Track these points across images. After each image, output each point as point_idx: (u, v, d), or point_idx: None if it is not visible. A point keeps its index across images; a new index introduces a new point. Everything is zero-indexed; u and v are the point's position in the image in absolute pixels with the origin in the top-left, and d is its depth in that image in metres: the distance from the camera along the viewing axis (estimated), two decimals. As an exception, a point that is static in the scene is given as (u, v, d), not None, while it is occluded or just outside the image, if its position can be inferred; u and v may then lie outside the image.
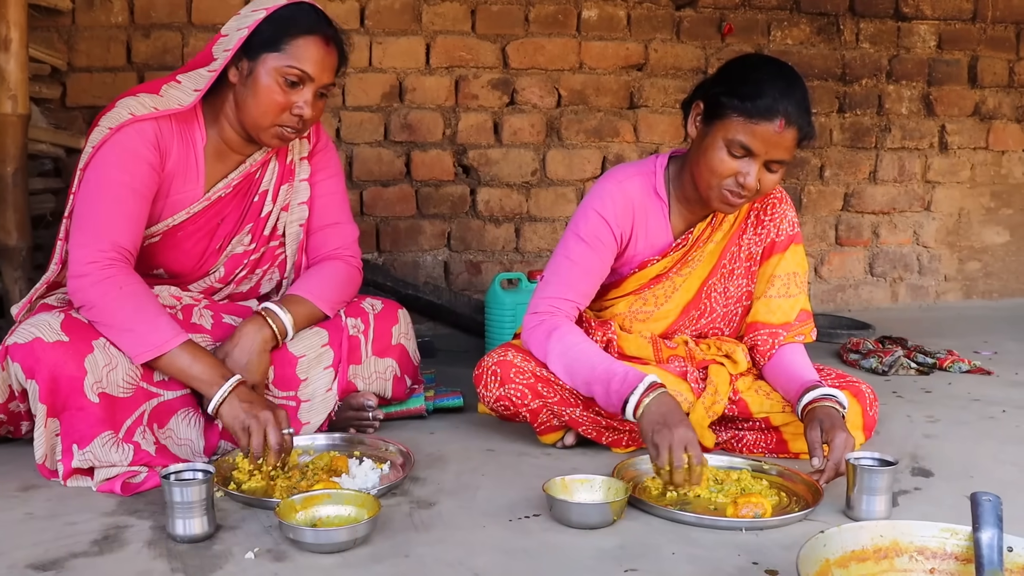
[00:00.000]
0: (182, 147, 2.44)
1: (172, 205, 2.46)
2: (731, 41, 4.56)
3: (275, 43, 2.35)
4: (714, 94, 2.37)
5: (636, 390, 2.24)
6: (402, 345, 2.74)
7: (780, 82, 2.31)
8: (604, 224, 2.50)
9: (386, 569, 1.80)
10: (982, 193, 5.12)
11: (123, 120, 2.33)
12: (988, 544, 1.58)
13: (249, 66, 2.37)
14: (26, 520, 2.01)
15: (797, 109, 2.29)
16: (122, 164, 2.33)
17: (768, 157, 2.32)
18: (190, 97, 2.40)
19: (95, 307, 2.25)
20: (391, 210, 4.22)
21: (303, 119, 2.41)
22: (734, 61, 2.46)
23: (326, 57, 2.40)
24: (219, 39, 2.42)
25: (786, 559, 1.82)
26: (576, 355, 2.40)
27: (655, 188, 2.55)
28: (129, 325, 2.25)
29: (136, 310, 2.26)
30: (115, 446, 2.20)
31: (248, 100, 2.39)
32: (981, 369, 3.59)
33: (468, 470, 2.40)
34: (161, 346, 2.25)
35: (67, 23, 3.80)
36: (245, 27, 2.36)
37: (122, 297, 2.25)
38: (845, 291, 4.98)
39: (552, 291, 2.51)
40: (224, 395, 2.23)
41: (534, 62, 4.31)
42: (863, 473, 2.07)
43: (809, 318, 2.62)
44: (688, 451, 2.12)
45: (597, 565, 1.83)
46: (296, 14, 2.38)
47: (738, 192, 2.35)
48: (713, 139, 2.35)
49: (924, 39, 4.87)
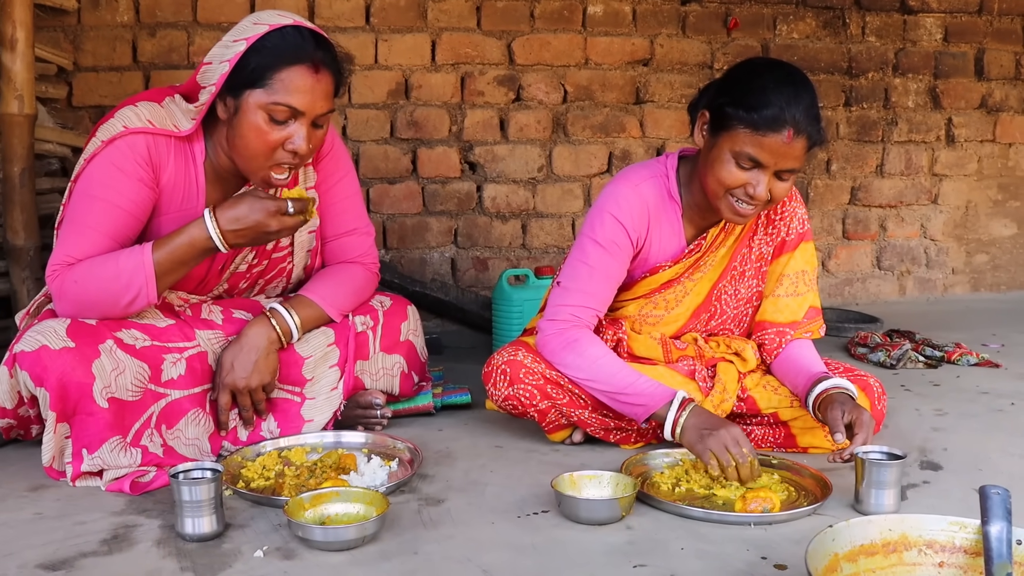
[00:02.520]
0: (179, 162, 2.35)
1: (171, 223, 2.36)
2: (737, 35, 4.55)
3: (259, 79, 2.20)
4: (719, 104, 2.32)
5: (671, 411, 2.26)
6: (410, 342, 2.74)
7: (787, 89, 2.24)
8: (621, 228, 2.46)
9: (395, 566, 1.80)
10: (989, 186, 5.10)
11: (115, 133, 2.26)
12: (997, 537, 1.58)
13: (234, 104, 2.24)
14: (36, 520, 2.02)
15: (806, 117, 2.24)
16: (106, 181, 2.26)
17: (778, 167, 2.27)
18: (187, 124, 2.33)
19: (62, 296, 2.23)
20: (398, 207, 4.22)
21: (298, 154, 2.28)
22: (738, 67, 2.40)
23: (316, 86, 2.24)
24: (203, 68, 2.29)
25: (795, 553, 1.82)
26: (600, 368, 2.40)
27: (669, 191, 2.51)
28: (111, 274, 2.22)
29: (96, 265, 2.22)
30: (123, 451, 2.21)
31: (236, 140, 2.27)
32: (989, 362, 3.58)
33: (476, 467, 2.40)
34: (141, 264, 2.22)
35: (73, 23, 3.80)
36: (227, 60, 2.22)
37: (80, 271, 2.22)
38: (852, 285, 4.97)
39: (572, 299, 2.47)
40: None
41: (540, 58, 4.30)
42: (871, 467, 2.07)
43: (818, 315, 2.61)
44: (742, 446, 2.14)
45: (606, 561, 1.83)
46: (279, 43, 2.22)
47: (748, 203, 2.32)
48: (720, 151, 2.30)
49: (930, 32, 4.86)
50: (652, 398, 2.30)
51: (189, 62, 3.89)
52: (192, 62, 3.89)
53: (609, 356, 2.42)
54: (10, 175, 2.99)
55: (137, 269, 2.22)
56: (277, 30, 2.23)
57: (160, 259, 2.23)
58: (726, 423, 2.20)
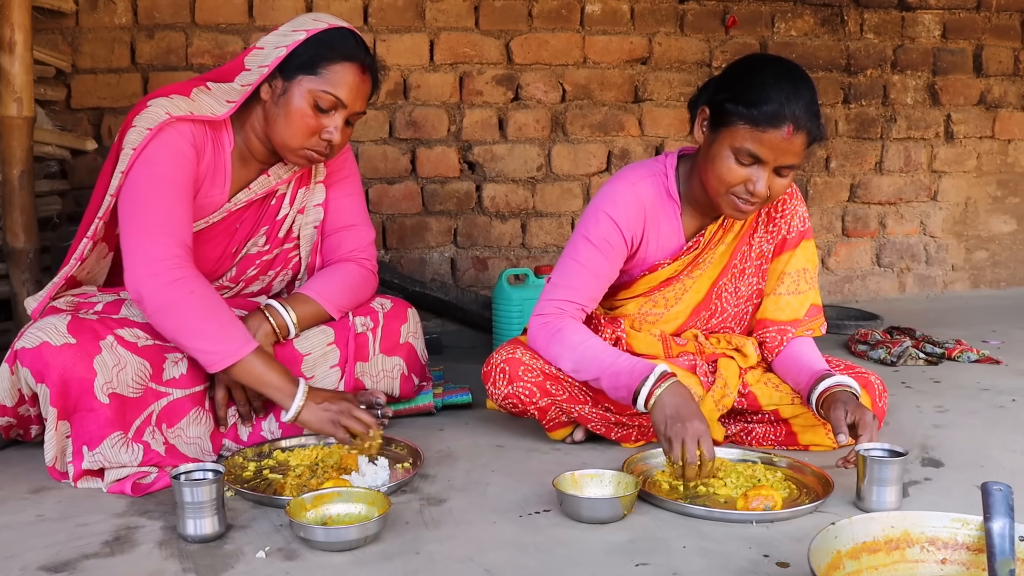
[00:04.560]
0: (214, 150, 2.43)
1: (198, 209, 2.44)
2: (735, 33, 4.55)
3: (312, 66, 2.34)
4: (719, 100, 2.32)
5: (647, 381, 2.24)
6: (410, 344, 2.74)
7: (786, 85, 2.24)
8: (614, 227, 2.46)
9: (397, 566, 1.80)
10: (988, 182, 5.10)
11: (162, 120, 2.31)
12: (1000, 534, 1.58)
13: (283, 86, 2.36)
14: (37, 522, 2.02)
15: (806, 113, 2.24)
16: (173, 162, 2.32)
17: (778, 163, 2.27)
18: (223, 108, 2.39)
19: (165, 311, 2.24)
20: (397, 207, 4.22)
21: (331, 144, 2.41)
22: (738, 63, 2.40)
23: (361, 85, 2.40)
24: (253, 51, 2.41)
25: (797, 551, 1.83)
26: (583, 352, 2.39)
27: (667, 190, 2.51)
28: (203, 331, 2.25)
29: (209, 315, 2.26)
30: (125, 447, 2.21)
31: (279, 120, 2.38)
32: (990, 358, 3.58)
33: (478, 466, 2.40)
34: (235, 353, 2.25)
35: (71, 25, 3.80)
36: (284, 46, 2.35)
37: (194, 301, 2.24)
38: (852, 282, 4.97)
39: (559, 293, 2.49)
40: (301, 404, 2.27)
41: (538, 57, 4.30)
42: (873, 464, 2.07)
43: (819, 313, 2.60)
44: (700, 446, 2.12)
45: (608, 560, 1.83)
46: (336, 39, 2.37)
47: (748, 199, 2.32)
48: (720, 147, 2.30)
49: (929, 29, 4.86)
50: (632, 375, 2.28)
51: (188, 63, 3.89)
52: (191, 63, 3.89)
53: (591, 340, 2.41)
54: (9, 178, 2.98)
55: (234, 350, 2.26)
56: (335, 29, 2.40)
57: (249, 363, 2.27)
58: (699, 415, 2.18)
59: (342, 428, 2.27)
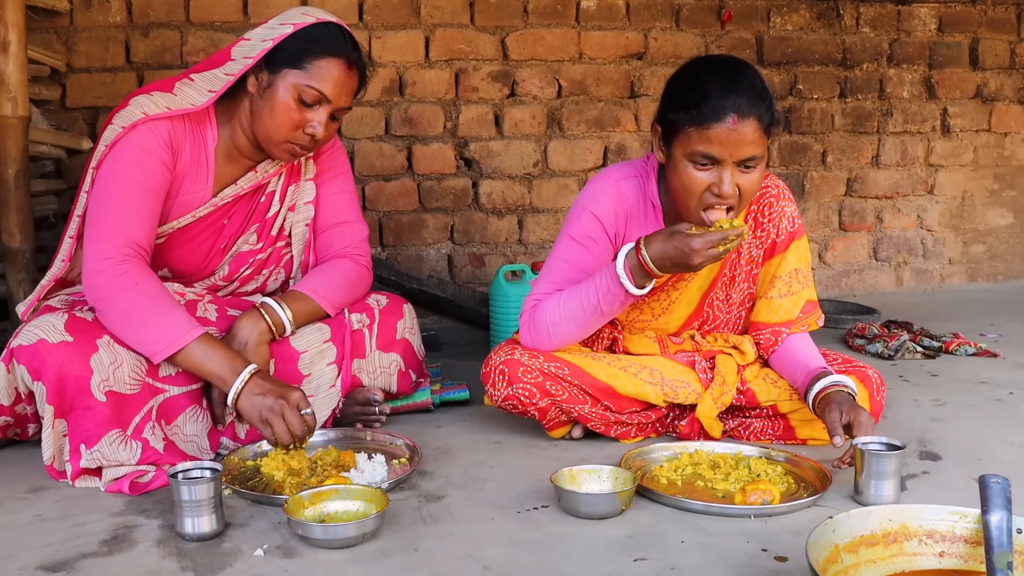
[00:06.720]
0: (194, 147, 2.44)
1: (180, 206, 2.45)
2: (731, 28, 4.54)
3: (298, 60, 2.35)
4: (664, 112, 2.33)
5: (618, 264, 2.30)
6: (407, 340, 2.74)
7: (720, 77, 2.23)
8: (597, 222, 2.47)
9: (395, 563, 1.80)
10: (985, 175, 5.10)
11: (136, 119, 2.33)
12: (997, 526, 1.58)
13: (268, 78, 2.37)
14: (35, 522, 2.02)
15: (748, 100, 2.21)
16: (136, 162, 2.33)
17: (736, 158, 2.23)
18: (204, 97, 2.40)
19: (109, 302, 2.24)
20: (393, 204, 4.22)
21: (315, 138, 2.42)
22: (676, 73, 2.40)
23: (346, 81, 2.41)
24: (241, 42, 2.43)
25: (795, 545, 1.82)
26: (565, 300, 2.41)
27: (649, 195, 2.50)
28: (144, 322, 2.24)
29: (151, 306, 2.25)
30: (123, 444, 2.21)
31: (263, 112, 2.39)
32: (987, 352, 3.58)
33: (476, 463, 2.40)
34: (176, 341, 2.24)
35: (65, 24, 3.79)
36: (271, 39, 2.37)
37: (137, 292, 2.25)
38: (849, 276, 4.97)
39: (541, 288, 2.50)
40: (239, 389, 2.23)
41: (534, 53, 4.30)
42: (871, 458, 2.07)
43: (815, 308, 2.58)
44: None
45: (606, 555, 1.83)
46: (323, 34, 2.38)
47: (719, 203, 2.27)
48: (677, 158, 2.29)
49: (925, 22, 4.86)
50: (607, 275, 2.33)
51: (182, 62, 3.88)
52: (185, 62, 3.88)
53: (568, 291, 2.43)
54: (4, 177, 2.98)
55: (176, 338, 2.24)
56: (323, 24, 2.41)
57: (190, 352, 2.26)
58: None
59: (268, 426, 2.22)
